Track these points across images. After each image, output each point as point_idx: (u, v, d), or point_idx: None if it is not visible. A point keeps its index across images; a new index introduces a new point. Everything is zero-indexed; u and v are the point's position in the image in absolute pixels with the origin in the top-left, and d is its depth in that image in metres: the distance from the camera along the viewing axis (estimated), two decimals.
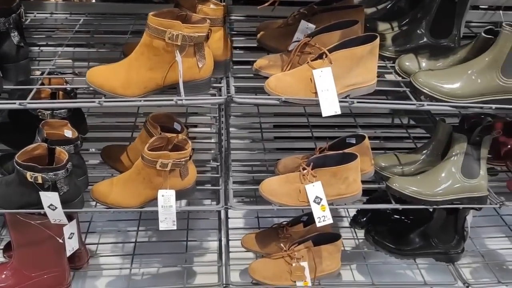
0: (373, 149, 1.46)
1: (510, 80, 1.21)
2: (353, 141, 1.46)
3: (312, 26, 1.40)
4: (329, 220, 1.33)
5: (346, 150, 1.40)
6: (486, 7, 1.85)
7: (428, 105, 1.24)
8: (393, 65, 1.41)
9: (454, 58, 1.32)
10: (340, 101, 1.20)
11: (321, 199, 1.32)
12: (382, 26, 1.55)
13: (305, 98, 1.20)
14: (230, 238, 1.67)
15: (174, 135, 1.34)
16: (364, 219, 1.69)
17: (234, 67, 1.39)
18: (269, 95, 1.20)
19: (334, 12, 1.42)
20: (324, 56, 1.21)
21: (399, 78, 1.37)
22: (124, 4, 1.79)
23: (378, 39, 1.22)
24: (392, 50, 1.45)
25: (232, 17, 1.75)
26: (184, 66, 1.15)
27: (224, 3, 1.25)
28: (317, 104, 1.18)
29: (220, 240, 1.69)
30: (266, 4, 1.22)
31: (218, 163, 1.57)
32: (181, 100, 1.17)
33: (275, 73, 1.28)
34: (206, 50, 1.17)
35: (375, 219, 1.68)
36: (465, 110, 1.26)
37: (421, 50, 1.41)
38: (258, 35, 1.48)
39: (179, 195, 1.35)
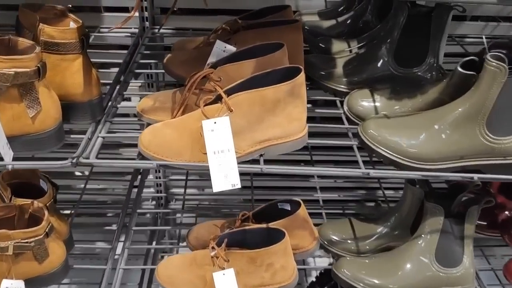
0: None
1: (499, 138, 0.80)
2: (287, 207, 1.06)
3: (231, 48, 1.01)
4: None
5: (273, 224, 1.00)
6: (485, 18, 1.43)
7: (377, 173, 0.83)
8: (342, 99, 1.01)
9: (423, 99, 0.91)
10: (242, 168, 0.81)
11: None
12: (338, 46, 1.15)
13: (190, 163, 0.81)
14: None
15: (29, 201, 0.96)
16: None
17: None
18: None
19: (262, 30, 1.02)
20: (221, 100, 0.82)
21: (346, 125, 0.97)
22: None
23: (301, 75, 0.82)
24: (344, 82, 1.05)
25: (162, 31, 1.37)
26: (5, 116, 0.77)
27: (80, 22, 0.87)
28: (207, 171, 0.79)
29: None
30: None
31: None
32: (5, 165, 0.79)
33: (163, 119, 0.90)
34: (42, 91, 0.79)
35: None
36: (435, 179, 0.85)
37: (381, 83, 1.00)
38: (165, 59, 1.09)
39: (38, 283, 0.98)
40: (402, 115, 0.89)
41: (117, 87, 1.04)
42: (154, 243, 1.53)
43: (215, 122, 0.81)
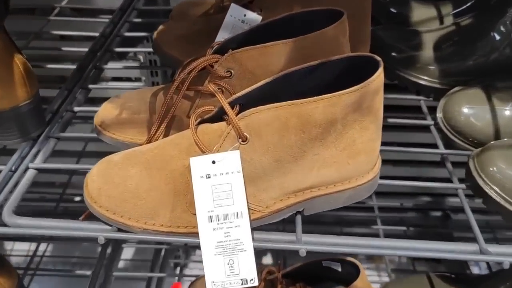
0: None
1: None
2: (337, 267, 0.69)
3: (253, 16, 0.63)
4: None
5: None
6: None
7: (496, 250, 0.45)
8: (432, 102, 0.62)
9: None
10: (262, 244, 0.44)
11: None
12: (423, 13, 0.75)
13: (168, 234, 0.45)
14: None
15: None
16: None
17: None
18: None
19: None
20: (227, 118, 0.44)
21: (442, 148, 0.58)
22: None
23: (379, 74, 0.43)
24: (435, 72, 0.65)
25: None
26: None
27: None
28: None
29: None
30: None
31: None
32: None
33: (133, 139, 0.54)
34: None
35: None
36: None
37: (504, 76, 0.61)
38: (155, 33, 0.72)
39: None
40: None
41: (82, 76, 0.68)
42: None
43: (213, 161, 0.44)
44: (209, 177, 0.44)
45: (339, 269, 0.68)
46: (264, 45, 0.50)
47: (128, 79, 1.03)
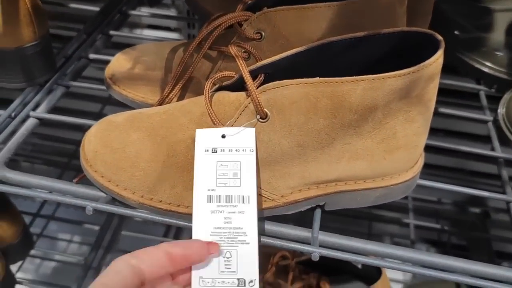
0: None
1: None
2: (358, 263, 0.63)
3: None
4: None
5: None
6: None
7: None
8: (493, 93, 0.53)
9: None
10: (270, 241, 0.38)
11: None
12: None
13: (168, 214, 0.40)
14: None
15: None
16: None
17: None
18: None
19: None
20: (246, 89, 0.38)
21: (498, 151, 0.50)
22: None
23: (438, 56, 0.35)
24: (503, 60, 0.56)
25: None
26: None
27: None
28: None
29: None
30: None
31: None
32: None
33: (144, 98, 0.48)
34: None
35: None
36: None
37: None
38: None
39: None
40: None
41: (104, 20, 0.62)
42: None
43: (223, 136, 0.37)
44: (215, 152, 0.37)
45: (359, 265, 0.62)
46: (303, 6, 0.43)
47: (167, 29, 0.96)
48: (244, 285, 0.35)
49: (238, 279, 0.35)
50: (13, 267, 0.73)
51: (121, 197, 0.40)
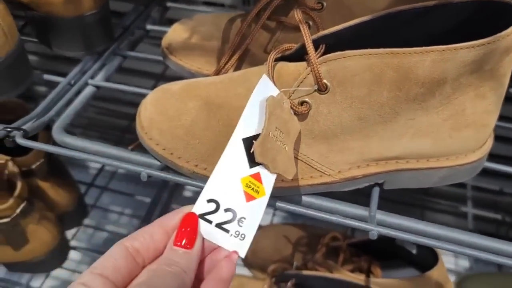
0: None
1: None
2: (413, 248, 0.60)
3: None
4: None
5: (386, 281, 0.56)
6: None
7: None
8: None
9: None
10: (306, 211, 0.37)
11: None
12: None
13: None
14: None
15: (4, 159, 0.62)
16: None
17: None
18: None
19: None
20: (307, 59, 0.36)
21: None
22: None
23: None
24: None
25: None
26: None
27: None
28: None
29: None
30: None
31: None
32: None
33: (201, 68, 0.47)
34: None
35: None
36: None
37: None
38: None
39: (18, 268, 0.68)
40: None
41: None
42: None
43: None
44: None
45: (414, 251, 0.60)
46: None
47: (222, 5, 0.95)
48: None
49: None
50: (68, 235, 0.75)
51: (175, 165, 0.40)
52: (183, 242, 0.32)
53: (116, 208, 0.92)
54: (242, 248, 0.34)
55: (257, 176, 0.35)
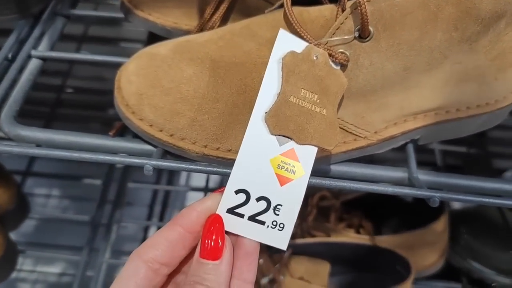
0: None
1: None
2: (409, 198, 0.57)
3: None
4: None
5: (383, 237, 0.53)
6: None
7: None
8: None
9: None
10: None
11: None
12: None
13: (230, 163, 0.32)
14: None
15: None
16: None
17: None
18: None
19: None
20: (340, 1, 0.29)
21: None
22: None
23: None
24: None
25: None
26: None
27: None
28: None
29: None
30: None
31: None
32: None
33: (179, 25, 0.38)
34: None
35: None
36: None
37: None
38: None
39: None
40: None
41: None
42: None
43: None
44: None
45: (410, 200, 0.57)
46: None
47: None
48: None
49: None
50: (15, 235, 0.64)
51: (178, 148, 0.32)
52: (210, 253, 0.27)
53: (60, 193, 0.81)
54: (283, 240, 0.29)
55: (291, 154, 0.29)
